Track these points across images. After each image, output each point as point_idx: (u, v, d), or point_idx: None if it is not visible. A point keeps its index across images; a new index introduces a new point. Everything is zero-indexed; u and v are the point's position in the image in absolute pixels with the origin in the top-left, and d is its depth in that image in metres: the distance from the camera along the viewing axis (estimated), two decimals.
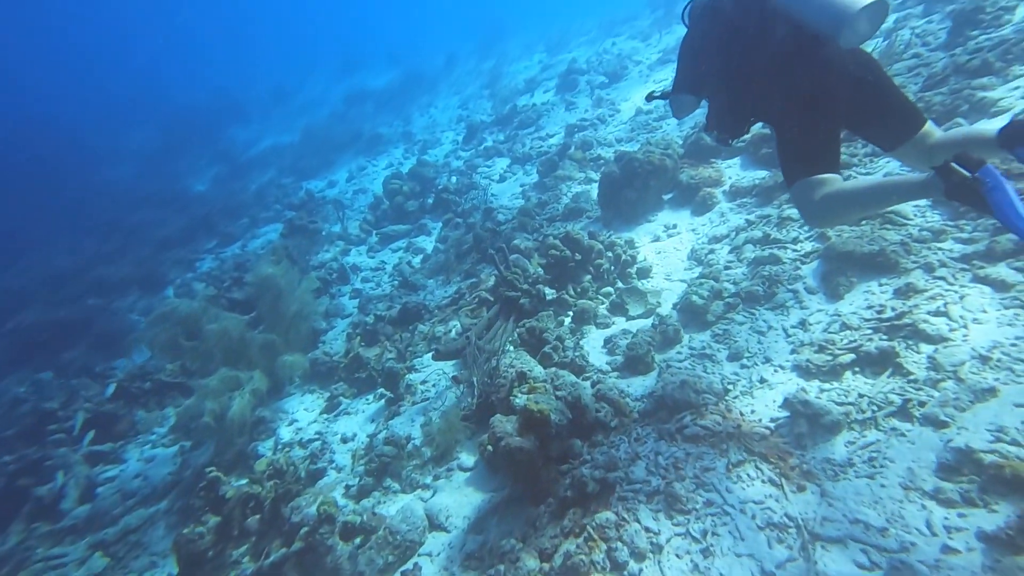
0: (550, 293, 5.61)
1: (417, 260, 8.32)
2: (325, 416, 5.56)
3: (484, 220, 8.43)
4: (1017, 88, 4.14)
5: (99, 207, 16.35)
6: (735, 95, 2.21)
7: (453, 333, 5.98)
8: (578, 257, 5.65)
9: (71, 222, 15.74)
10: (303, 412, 5.74)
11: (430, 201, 9.63)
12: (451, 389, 5.08)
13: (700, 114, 3.68)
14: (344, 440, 5.02)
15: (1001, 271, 2.94)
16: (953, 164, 1.57)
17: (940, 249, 3.31)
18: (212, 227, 11.90)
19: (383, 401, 5.39)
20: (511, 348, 5.00)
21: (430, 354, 5.59)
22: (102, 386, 7.12)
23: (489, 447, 3.42)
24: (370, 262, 8.72)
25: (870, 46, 5.87)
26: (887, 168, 4.40)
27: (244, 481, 4.27)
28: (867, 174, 4.40)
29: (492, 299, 5.95)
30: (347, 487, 4.30)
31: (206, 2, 71.71)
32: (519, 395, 3.79)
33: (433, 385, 5.31)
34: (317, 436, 5.20)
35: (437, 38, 32.43)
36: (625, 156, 6.35)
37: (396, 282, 7.81)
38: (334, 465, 4.74)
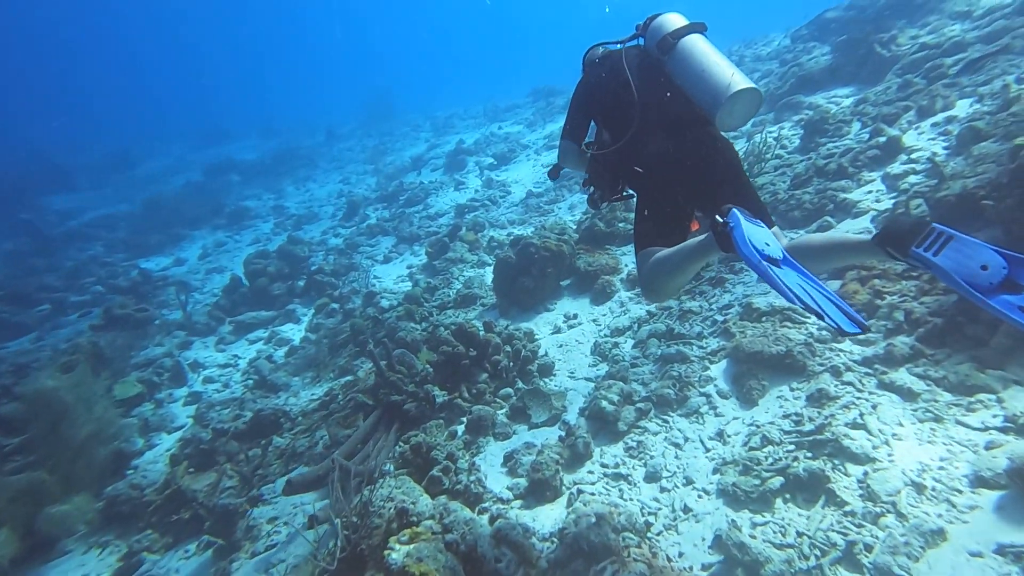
0: (440, 395, 4.94)
1: (281, 353, 7.18)
2: None
3: (365, 306, 7.66)
4: (869, 192, 4.68)
5: None
6: (613, 151, 2.21)
7: (320, 447, 4.97)
8: (473, 353, 5.13)
9: None
10: None
11: (301, 284, 8.63)
12: (307, 532, 4.02)
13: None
14: None
15: (904, 377, 2.98)
16: (716, 216, 1.62)
17: (841, 351, 3.34)
18: None
19: (210, 552, 4.12)
20: (391, 469, 4.18)
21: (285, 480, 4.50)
22: None
23: None
24: (218, 357, 7.33)
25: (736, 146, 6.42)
26: None
27: None
28: None
29: (371, 403, 5.13)
30: None
31: (29, 52, 64.15)
32: (396, 547, 2.97)
33: (286, 523, 4.21)
34: None
35: (318, 113, 32.31)
36: (521, 241, 6.17)
37: (250, 382, 6.58)
38: None
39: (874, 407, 2.87)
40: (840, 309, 1.35)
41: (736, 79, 1.91)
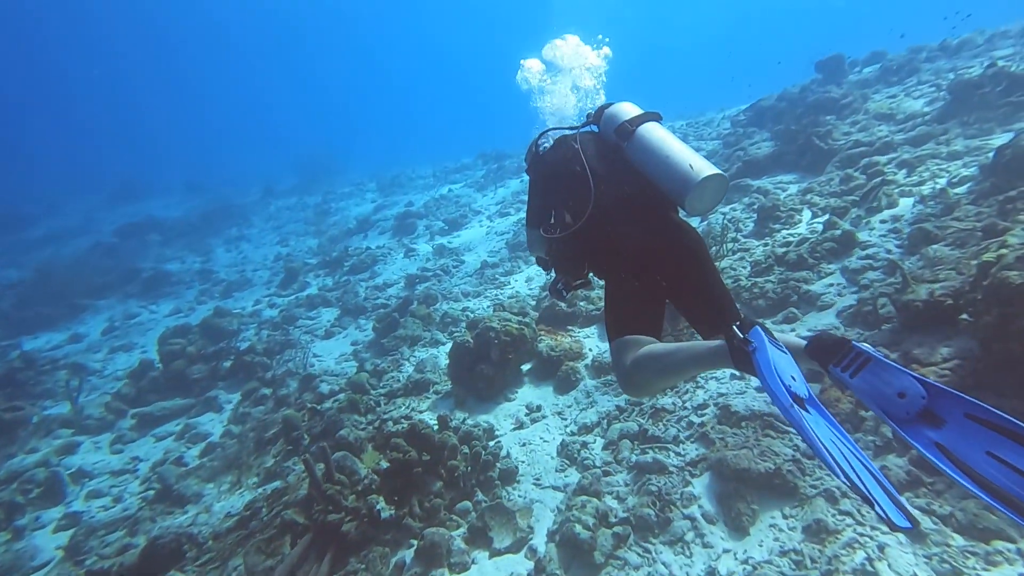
0: (387, 511, 4.36)
1: (195, 452, 6.30)
2: None
3: (301, 391, 6.97)
4: (831, 285, 4.79)
5: None
6: (574, 237, 2.18)
7: None
8: (426, 458, 4.62)
9: None
10: None
11: (226, 365, 7.80)
12: None
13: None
14: None
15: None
16: (734, 327, 1.57)
17: (827, 473, 3.17)
18: None
19: None
20: None
21: None
22: None
23: None
24: (112, 461, 6.30)
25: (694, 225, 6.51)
26: None
27: None
28: None
29: (302, 522, 4.46)
30: None
31: None
32: None
33: None
34: None
35: (253, 167, 31.45)
36: (479, 325, 5.86)
37: (151, 493, 5.64)
38: None
39: (881, 549, 2.67)
40: (885, 490, 1.17)
41: (703, 165, 1.97)
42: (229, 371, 7.68)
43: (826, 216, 5.82)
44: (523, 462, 4.72)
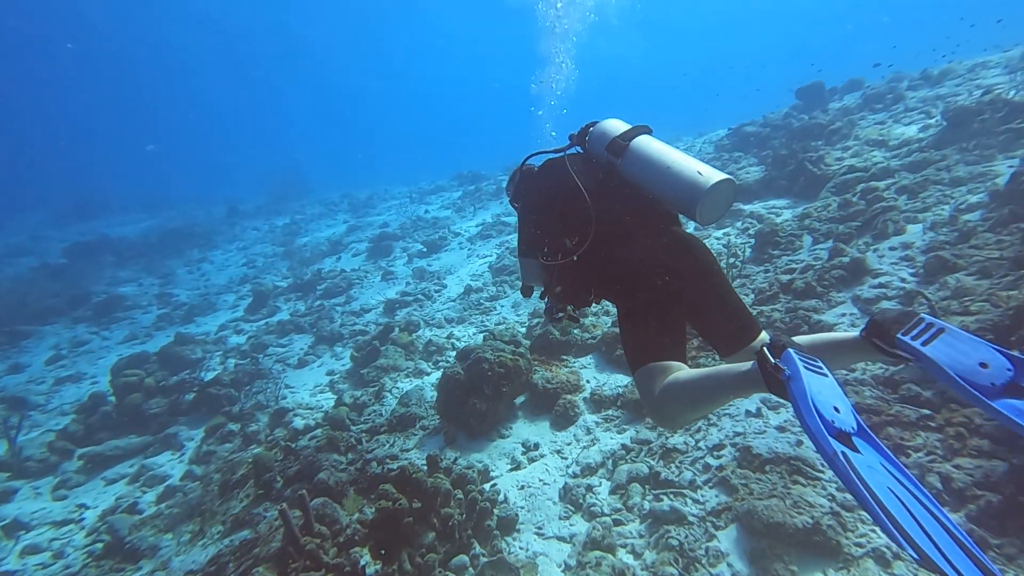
0: (372, 566, 4.00)
1: (151, 498, 5.75)
2: None
3: (273, 427, 6.51)
4: (843, 315, 4.70)
5: None
6: (578, 262, 2.10)
7: None
8: (417, 505, 4.27)
9: None
10: None
11: (189, 398, 7.26)
12: None
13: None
14: None
15: None
16: (765, 350, 1.42)
17: (874, 528, 2.96)
18: None
19: None
20: None
21: None
22: None
23: None
24: (54, 510, 5.69)
25: None
26: None
27: None
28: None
29: None
30: None
31: None
32: None
33: None
34: None
35: (217, 186, 30.64)
36: (471, 355, 5.57)
37: (99, 546, 5.08)
38: None
39: None
40: (969, 555, 0.94)
41: (709, 172, 1.91)
42: (192, 405, 7.15)
43: (829, 242, 5.79)
44: (523, 508, 4.41)
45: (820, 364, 1.35)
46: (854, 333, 1.58)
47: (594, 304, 2.28)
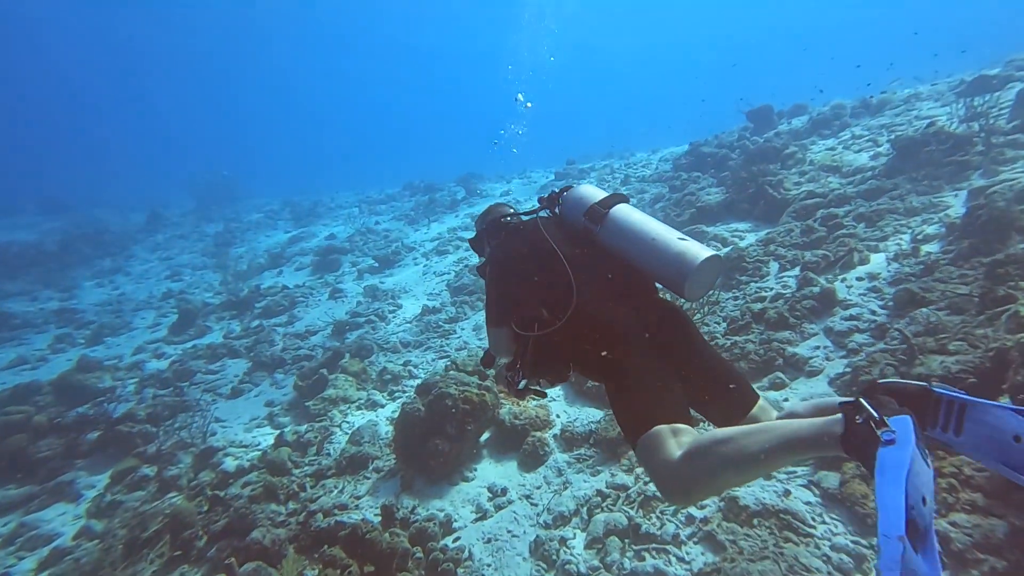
0: None
1: (30, 564, 4.95)
2: None
3: (197, 471, 5.80)
4: (817, 348, 4.67)
5: None
6: (558, 330, 1.94)
7: None
8: (370, 570, 3.83)
9: None
10: None
11: (92, 437, 6.37)
12: None
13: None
14: None
15: None
16: (862, 400, 1.24)
17: None
18: None
19: None
20: None
21: None
22: None
23: None
24: None
25: None
26: None
27: None
28: None
29: None
30: None
31: None
32: None
33: None
34: None
35: (136, 188, 28.43)
36: (432, 389, 5.16)
37: None
38: None
39: None
40: None
41: (697, 248, 1.91)
42: (95, 444, 6.27)
43: (796, 269, 5.83)
44: (489, 567, 4.04)
45: (927, 452, 1.16)
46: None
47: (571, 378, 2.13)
